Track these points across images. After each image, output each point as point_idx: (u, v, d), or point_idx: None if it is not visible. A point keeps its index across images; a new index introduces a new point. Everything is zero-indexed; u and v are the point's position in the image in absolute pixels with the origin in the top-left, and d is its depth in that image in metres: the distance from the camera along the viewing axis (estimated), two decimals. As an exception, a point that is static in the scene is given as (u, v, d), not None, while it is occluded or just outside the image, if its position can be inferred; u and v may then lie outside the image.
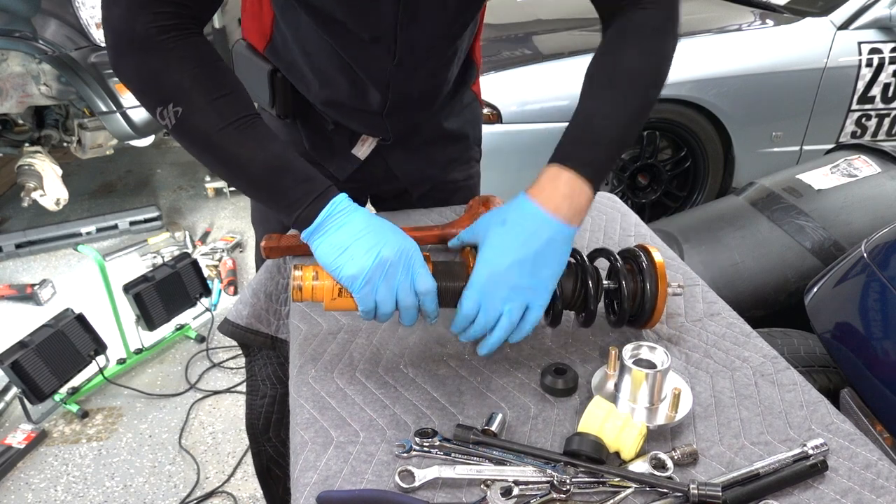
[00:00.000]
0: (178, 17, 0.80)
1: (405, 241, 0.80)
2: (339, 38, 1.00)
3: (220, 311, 2.81)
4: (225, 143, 0.81)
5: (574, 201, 0.82)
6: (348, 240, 0.79)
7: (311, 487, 0.72)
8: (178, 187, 3.95)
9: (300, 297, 0.83)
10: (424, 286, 0.80)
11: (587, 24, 3.43)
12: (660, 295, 0.88)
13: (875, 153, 2.11)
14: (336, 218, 0.80)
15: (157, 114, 0.80)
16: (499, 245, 0.81)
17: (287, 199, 0.81)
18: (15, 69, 2.93)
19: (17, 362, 2.04)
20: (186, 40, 0.80)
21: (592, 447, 0.73)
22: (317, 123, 1.17)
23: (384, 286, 0.78)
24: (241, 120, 0.80)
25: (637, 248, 0.92)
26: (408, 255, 0.79)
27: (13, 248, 3.25)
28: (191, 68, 0.80)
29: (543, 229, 0.81)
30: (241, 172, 0.83)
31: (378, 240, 0.79)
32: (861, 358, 1.25)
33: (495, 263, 0.80)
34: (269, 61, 1.12)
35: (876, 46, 3.02)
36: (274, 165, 0.81)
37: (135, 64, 0.81)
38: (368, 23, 0.95)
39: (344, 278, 0.79)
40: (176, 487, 2.00)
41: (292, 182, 0.81)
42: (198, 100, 0.79)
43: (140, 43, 0.79)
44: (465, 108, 1.26)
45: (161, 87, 0.80)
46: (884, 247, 1.36)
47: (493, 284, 0.79)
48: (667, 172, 3.17)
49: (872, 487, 0.71)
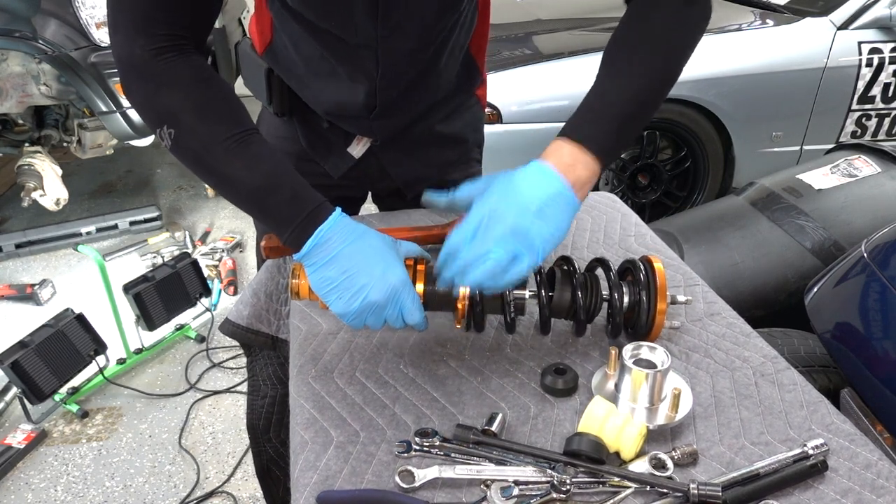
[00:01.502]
0: (173, 38, 0.81)
1: (394, 277, 0.79)
2: (327, 45, 1.01)
3: (220, 311, 2.81)
4: (214, 164, 0.81)
5: (577, 171, 0.80)
6: (336, 276, 0.79)
7: (312, 487, 0.72)
8: (178, 187, 3.95)
9: (298, 297, 0.86)
10: (413, 319, 0.81)
11: (587, 24, 3.43)
12: (658, 311, 0.87)
13: (875, 153, 2.11)
14: (323, 248, 0.79)
15: (157, 135, 0.83)
16: (505, 188, 0.79)
17: (274, 218, 0.82)
18: (15, 69, 2.93)
19: (17, 362, 2.05)
20: (181, 61, 0.81)
21: (592, 447, 0.73)
22: (312, 122, 1.18)
23: (373, 319, 0.80)
24: (232, 139, 0.80)
25: (640, 260, 0.90)
26: (396, 294, 0.79)
27: (13, 248, 3.25)
28: (183, 89, 0.81)
29: (548, 184, 0.79)
30: (232, 191, 0.83)
31: (366, 280, 0.78)
32: (861, 358, 1.25)
33: (498, 202, 0.78)
34: (266, 61, 1.14)
35: (876, 46, 3.02)
36: (260, 185, 0.81)
37: (135, 87, 0.83)
38: (350, 32, 0.96)
39: (333, 310, 0.81)
40: (176, 487, 2.00)
41: (279, 202, 0.81)
42: (187, 120, 0.81)
43: (138, 67, 0.81)
44: (466, 111, 1.25)
45: (156, 109, 0.82)
46: (884, 247, 1.36)
47: (490, 220, 0.77)
48: (667, 172, 3.17)
49: (873, 487, 0.71)
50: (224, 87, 0.85)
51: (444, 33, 1.03)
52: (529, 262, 0.77)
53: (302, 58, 1.07)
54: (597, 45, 2.97)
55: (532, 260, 0.77)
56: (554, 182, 0.79)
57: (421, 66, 1.06)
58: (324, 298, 0.81)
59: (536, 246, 0.77)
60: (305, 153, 1.21)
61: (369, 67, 1.02)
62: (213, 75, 0.84)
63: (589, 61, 2.90)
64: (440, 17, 0.99)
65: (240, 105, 0.85)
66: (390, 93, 1.07)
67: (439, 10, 0.97)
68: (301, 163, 1.22)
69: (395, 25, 0.95)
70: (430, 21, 0.98)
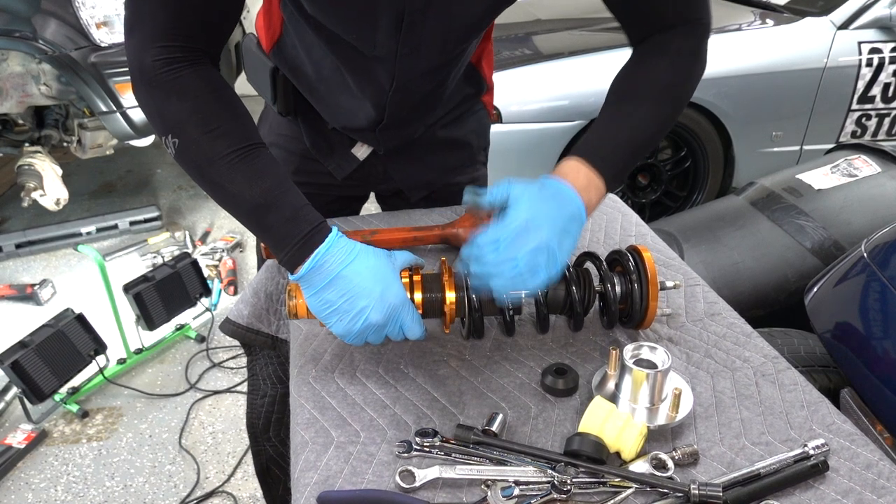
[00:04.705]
0: (186, 49, 0.81)
1: (394, 297, 0.80)
2: (341, 54, 1.00)
3: (220, 311, 2.81)
4: (215, 177, 0.81)
5: (590, 194, 0.84)
6: (336, 299, 0.79)
7: (312, 487, 0.72)
8: (178, 187, 3.95)
9: (296, 317, 0.86)
10: (413, 335, 0.83)
11: (587, 24, 3.43)
12: (651, 296, 0.88)
13: (875, 153, 2.11)
14: (321, 271, 0.79)
15: (162, 142, 0.82)
16: (538, 203, 0.81)
17: (272, 237, 0.81)
18: (15, 69, 2.93)
19: (17, 362, 2.04)
20: (193, 72, 0.81)
21: (593, 447, 0.73)
22: (317, 122, 1.18)
23: (374, 338, 0.82)
24: (234, 153, 0.80)
25: (626, 250, 0.93)
26: (396, 313, 0.80)
27: (13, 248, 3.25)
28: (190, 100, 0.81)
29: (572, 203, 0.82)
30: (232, 206, 0.83)
31: (366, 302, 0.78)
32: (861, 358, 1.25)
33: (535, 216, 0.79)
34: (273, 60, 1.12)
35: (876, 46, 3.02)
36: (259, 203, 0.80)
37: (144, 94, 0.83)
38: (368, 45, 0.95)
39: (334, 332, 0.81)
40: (176, 487, 2.00)
41: (277, 220, 0.80)
42: (192, 132, 0.80)
43: (149, 74, 0.80)
44: (471, 117, 1.25)
45: (162, 117, 0.82)
46: (884, 247, 1.36)
47: (526, 232, 0.78)
48: (667, 172, 3.17)
49: (873, 488, 0.71)
50: (233, 101, 0.84)
51: (460, 54, 1.04)
52: (548, 274, 0.79)
53: (311, 62, 1.06)
54: (597, 45, 2.98)
55: (553, 272, 0.80)
56: (576, 202, 0.82)
57: (433, 84, 1.06)
58: (324, 321, 0.81)
59: (558, 260, 0.80)
60: (309, 152, 1.21)
61: (382, 81, 1.01)
62: (224, 87, 0.84)
63: (589, 61, 2.90)
64: (463, 40, 1.00)
65: (247, 118, 0.84)
66: (401, 107, 1.07)
67: (463, 34, 0.97)
68: (305, 161, 1.21)
69: (416, 44, 0.94)
70: (451, 44, 0.98)
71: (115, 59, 2.91)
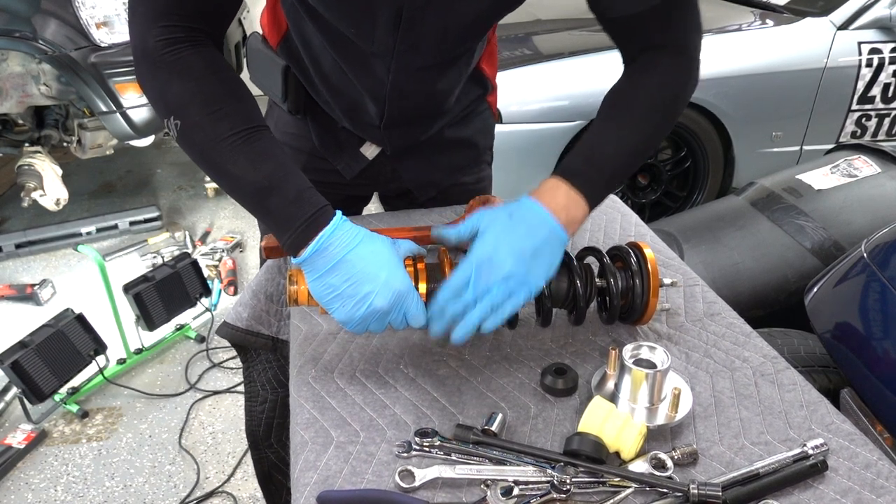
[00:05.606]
0: (189, 30, 0.81)
1: (399, 283, 0.79)
2: (339, 47, 1.00)
3: (220, 311, 2.81)
4: (217, 159, 0.81)
5: (570, 212, 0.83)
6: (339, 283, 0.78)
7: (312, 487, 0.72)
8: (178, 187, 3.95)
9: (296, 304, 0.85)
10: (417, 323, 0.81)
11: (587, 24, 3.42)
12: (651, 291, 0.89)
13: (875, 153, 2.11)
14: (325, 254, 0.78)
15: (165, 124, 0.82)
16: (502, 233, 0.80)
17: (275, 220, 0.81)
18: (15, 69, 2.93)
19: (17, 362, 2.05)
20: (195, 53, 0.81)
21: (592, 447, 0.73)
22: (327, 122, 1.17)
23: (376, 325, 0.80)
24: (237, 135, 0.80)
25: (627, 245, 0.93)
26: (401, 299, 0.79)
27: (13, 248, 3.25)
28: (192, 82, 0.80)
29: (544, 227, 0.81)
30: (234, 189, 0.82)
31: (371, 287, 0.77)
32: (861, 358, 1.25)
33: (497, 249, 0.79)
34: (282, 57, 1.11)
35: (876, 46, 3.02)
36: (262, 185, 0.80)
37: (147, 75, 0.83)
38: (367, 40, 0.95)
39: (336, 318, 0.80)
40: (176, 487, 2.00)
41: (280, 203, 0.80)
42: (194, 114, 0.80)
43: (151, 55, 0.80)
44: (476, 117, 1.25)
45: (165, 100, 0.82)
46: (884, 247, 1.36)
47: (489, 266, 0.78)
48: (667, 172, 3.17)
49: (872, 487, 0.71)
50: (236, 82, 0.84)
51: (461, 54, 1.04)
52: (523, 298, 0.79)
53: (314, 59, 1.06)
54: (597, 45, 2.97)
55: (525, 296, 0.79)
56: (548, 223, 0.82)
57: (432, 83, 1.06)
58: (326, 306, 0.80)
59: (530, 285, 0.79)
60: (316, 151, 1.20)
61: (380, 76, 1.01)
62: (227, 69, 0.83)
63: (589, 61, 2.90)
64: (462, 39, 0.99)
65: (250, 100, 0.84)
66: (401, 105, 1.07)
67: (462, 33, 0.97)
68: (312, 160, 1.21)
69: (414, 41, 0.94)
70: (450, 43, 0.98)
71: (115, 59, 2.91)
